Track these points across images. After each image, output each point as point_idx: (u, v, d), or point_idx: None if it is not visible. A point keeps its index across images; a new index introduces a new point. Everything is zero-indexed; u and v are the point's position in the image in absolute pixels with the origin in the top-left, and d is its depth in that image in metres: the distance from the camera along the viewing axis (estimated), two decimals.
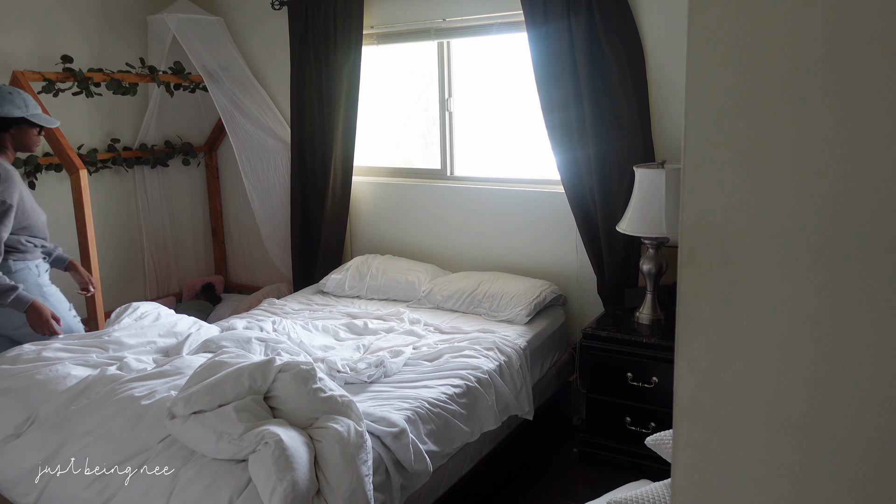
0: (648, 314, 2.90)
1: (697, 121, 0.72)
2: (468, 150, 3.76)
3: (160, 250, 4.25)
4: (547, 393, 3.10)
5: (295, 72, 3.86)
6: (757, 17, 0.68)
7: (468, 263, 3.68)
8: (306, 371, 2.02)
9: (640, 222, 2.76)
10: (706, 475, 0.78)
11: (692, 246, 0.74)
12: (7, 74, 3.34)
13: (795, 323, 0.71)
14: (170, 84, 3.91)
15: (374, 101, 4.00)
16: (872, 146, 0.65)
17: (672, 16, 2.94)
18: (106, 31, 3.88)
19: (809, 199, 0.68)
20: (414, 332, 2.96)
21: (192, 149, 4.30)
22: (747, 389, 0.74)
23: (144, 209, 4.15)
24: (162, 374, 2.35)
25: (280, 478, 1.71)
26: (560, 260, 3.41)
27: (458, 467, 2.43)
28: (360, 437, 1.93)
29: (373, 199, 3.96)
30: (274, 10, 3.94)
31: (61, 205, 3.70)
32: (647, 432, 2.77)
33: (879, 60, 0.64)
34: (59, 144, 3.15)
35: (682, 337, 0.77)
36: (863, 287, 0.67)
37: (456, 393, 2.43)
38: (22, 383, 2.33)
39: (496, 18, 3.36)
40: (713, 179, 0.72)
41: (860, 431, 0.70)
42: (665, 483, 1.60)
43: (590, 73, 3.01)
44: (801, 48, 0.66)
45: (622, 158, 3.05)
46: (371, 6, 3.67)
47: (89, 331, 3.12)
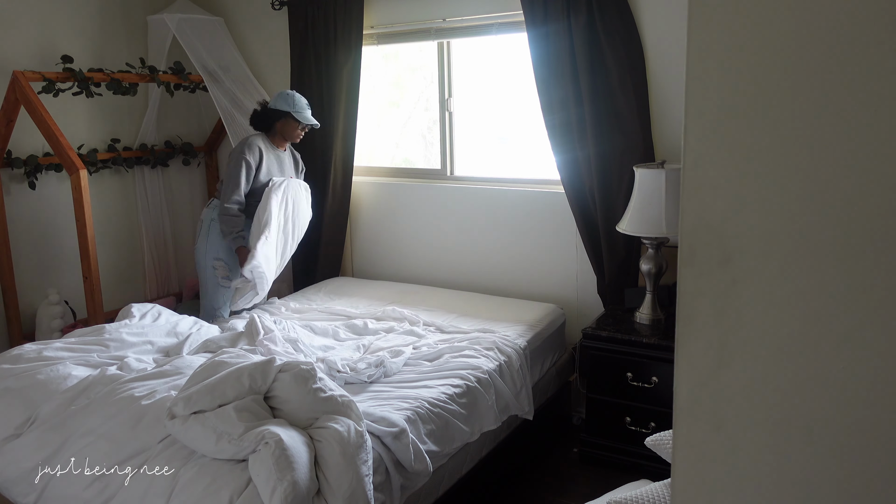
0: (648, 314, 2.90)
1: (697, 121, 0.72)
2: (468, 150, 3.76)
3: (160, 250, 4.24)
4: (547, 393, 3.10)
5: (295, 72, 3.86)
6: (756, 17, 0.68)
7: (468, 264, 3.68)
8: (306, 371, 2.02)
9: (639, 222, 2.76)
10: (706, 475, 0.78)
11: (692, 246, 0.74)
12: (7, 74, 3.34)
13: (795, 323, 0.71)
14: (170, 84, 3.91)
15: (374, 101, 4.00)
16: (872, 146, 0.65)
17: (672, 16, 2.94)
18: (106, 31, 3.88)
19: (809, 199, 0.68)
20: (414, 332, 2.96)
21: (192, 149, 4.30)
22: (747, 389, 0.74)
23: (144, 209, 4.14)
24: (162, 374, 2.35)
25: (280, 478, 1.71)
26: (560, 260, 3.41)
27: (458, 467, 2.43)
28: (361, 437, 1.93)
29: (373, 199, 3.96)
30: (274, 10, 3.94)
31: (61, 205, 3.70)
32: (647, 432, 2.77)
33: (879, 60, 0.64)
34: (59, 144, 3.15)
35: (682, 337, 0.77)
36: (863, 287, 0.67)
37: (456, 393, 2.43)
38: (22, 383, 2.33)
39: (496, 18, 3.36)
40: (713, 179, 0.72)
41: (860, 431, 0.70)
42: (665, 483, 1.60)
43: (590, 73, 3.01)
44: (800, 48, 0.66)
45: (622, 158, 3.05)
46: (371, 6, 3.67)
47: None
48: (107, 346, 2.60)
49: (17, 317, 3.51)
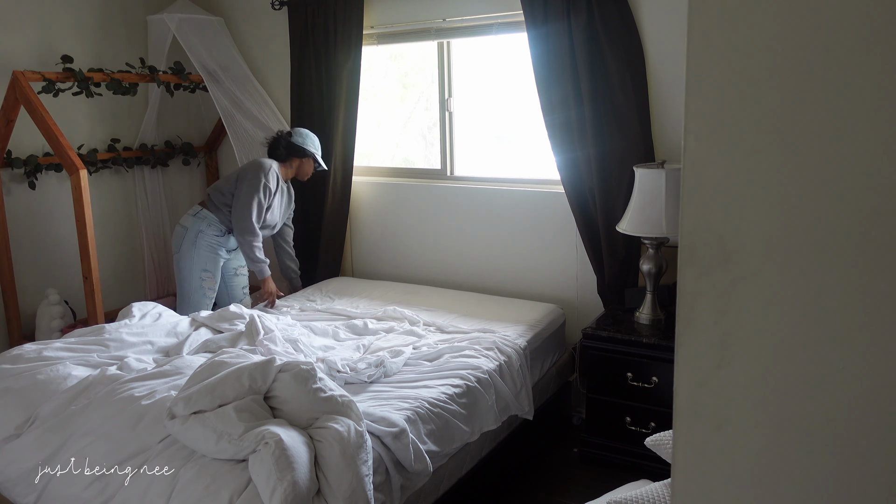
0: (648, 314, 2.90)
1: (697, 121, 0.72)
2: (468, 150, 3.76)
3: (160, 250, 4.24)
4: (547, 393, 3.10)
5: (295, 72, 3.86)
6: (757, 17, 0.68)
7: (468, 264, 3.68)
8: (306, 371, 2.02)
9: (640, 222, 2.76)
10: (706, 475, 0.78)
11: (692, 246, 0.74)
12: (7, 74, 3.34)
13: (795, 323, 0.71)
14: (170, 84, 3.91)
15: (374, 101, 4.00)
16: (873, 146, 0.65)
17: (672, 16, 2.94)
18: (106, 31, 3.88)
19: (809, 199, 0.68)
20: (414, 332, 2.96)
21: (192, 149, 4.30)
22: (747, 389, 0.74)
23: (144, 209, 4.14)
24: (162, 374, 2.35)
25: (280, 478, 1.71)
26: (560, 260, 3.41)
27: (458, 467, 2.43)
28: (361, 437, 1.93)
29: (373, 199, 3.96)
30: (274, 10, 3.94)
31: (61, 205, 3.70)
32: (647, 432, 2.77)
33: (880, 60, 0.64)
34: (59, 144, 3.15)
35: (682, 337, 0.77)
36: (863, 287, 0.67)
37: (456, 393, 2.43)
38: (22, 383, 2.33)
39: (496, 18, 3.36)
40: (713, 179, 0.72)
41: (860, 431, 0.70)
42: (665, 483, 1.60)
43: (590, 73, 3.01)
44: (800, 48, 0.66)
45: (622, 158, 3.05)
46: (371, 6, 3.67)
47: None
48: (107, 346, 2.60)
49: (17, 317, 3.51)
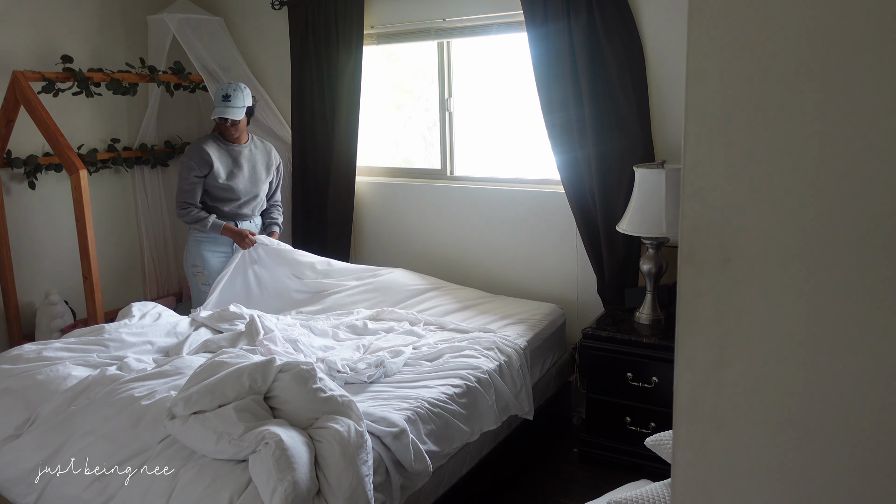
0: (648, 314, 2.90)
1: (697, 121, 0.72)
2: (468, 150, 3.76)
3: (160, 250, 4.25)
4: (547, 393, 3.10)
5: (295, 72, 3.86)
6: (756, 17, 0.68)
7: (468, 264, 3.68)
8: (306, 371, 2.02)
9: (640, 222, 2.76)
10: (706, 475, 0.78)
11: (692, 246, 0.74)
12: (7, 74, 3.34)
13: (795, 323, 0.71)
14: (170, 84, 3.91)
15: (374, 100, 4.00)
16: (873, 146, 0.65)
17: (672, 16, 2.94)
18: (106, 31, 3.88)
19: (810, 199, 0.68)
20: (414, 332, 2.96)
21: None
22: (747, 389, 0.74)
23: (144, 209, 4.14)
24: (162, 374, 2.35)
25: (280, 478, 1.71)
26: (560, 260, 3.41)
27: (458, 467, 2.43)
28: (361, 437, 1.93)
29: (373, 199, 3.96)
30: (274, 10, 3.94)
31: (61, 205, 3.70)
32: (647, 432, 2.77)
33: (880, 60, 0.64)
34: (58, 144, 3.15)
35: (682, 337, 0.76)
36: (863, 286, 0.67)
37: (456, 393, 2.43)
38: (22, 383, 2.33)
39: (496, 18, 3.36)
40: (713, 179, 0.72)
41: (860, 431, 0.70)
42: (665, 483, 1.60)
43: (590, 74, 3.01)
44: (801, 48, 0.66)
45: (622, 158, 3.05)
46: (371, 6, 3.67)
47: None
48: (106, 346, 2.60)
49: (17, 317, 3.51)
